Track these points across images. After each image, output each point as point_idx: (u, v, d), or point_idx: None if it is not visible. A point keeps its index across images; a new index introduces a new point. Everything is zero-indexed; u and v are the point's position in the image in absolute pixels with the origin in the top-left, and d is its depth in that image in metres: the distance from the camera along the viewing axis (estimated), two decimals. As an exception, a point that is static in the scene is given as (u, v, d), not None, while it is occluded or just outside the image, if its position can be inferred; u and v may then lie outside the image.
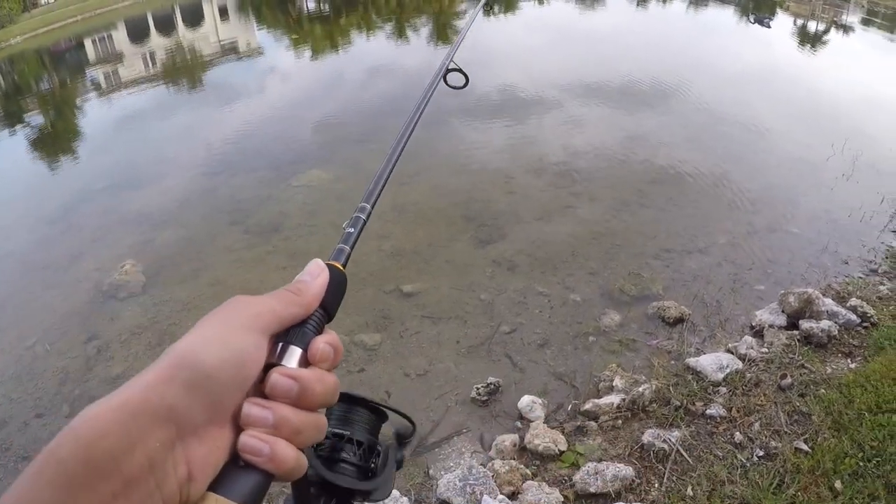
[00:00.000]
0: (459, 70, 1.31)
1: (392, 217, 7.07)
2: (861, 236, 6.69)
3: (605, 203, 7.27)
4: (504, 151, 8.83)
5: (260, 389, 0.52)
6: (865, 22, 21.04)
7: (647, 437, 3.57)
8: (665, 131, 9.52)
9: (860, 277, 5.93)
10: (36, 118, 14.31)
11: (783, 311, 5.01)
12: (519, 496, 3.17)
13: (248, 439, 0.49)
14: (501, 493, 3.14)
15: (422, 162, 8.26)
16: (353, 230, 0.70)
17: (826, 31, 19.68)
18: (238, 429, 0.50)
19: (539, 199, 7.46)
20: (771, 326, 4.88)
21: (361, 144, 9.46)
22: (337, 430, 0.63)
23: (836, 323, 4.80)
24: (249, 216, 7.55)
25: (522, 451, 3.54)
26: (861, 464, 3.36)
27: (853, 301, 5.18)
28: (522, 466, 3.38)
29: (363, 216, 0.74)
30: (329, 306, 0.59)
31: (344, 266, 0.65)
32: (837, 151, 8.65)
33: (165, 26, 26.61)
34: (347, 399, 0.65)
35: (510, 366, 4.55)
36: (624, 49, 15.10)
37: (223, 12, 27.44)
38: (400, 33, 18.61)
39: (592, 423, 3.82)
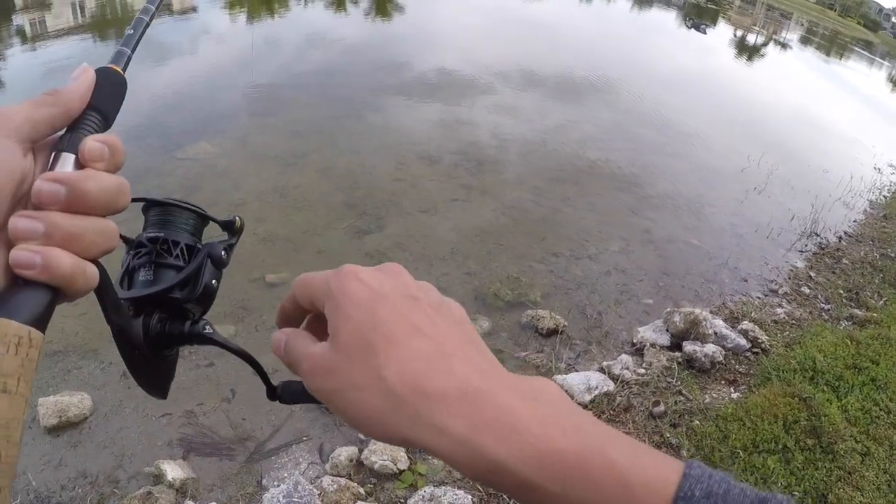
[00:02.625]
0: None
1: (272, 199, 6.27)
2: (765, 254, 6.24)
3: (498, 198, 6.62)
4: (403, 134, 8.09)
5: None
6: (804, 40, 21.23)
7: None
8: (578, 128, 8.95)
9: (759, 298, 5.47)
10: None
11: (667, 330, 4.53)
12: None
13: (17, 252, 0.43)
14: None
15: (315, 141, 7.48)
16: (132, 31, 0.60)
17: (764, 45, 19.84)
18: (10, 248, 0.44)
19: (428, 189, 6.75)
20: (653, 345, 4.39)
21: (260, 118, 8.58)
22: (151, 235, 0.58)
23: (722, 347, 4.38)
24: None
25: (360, 466, 3.21)
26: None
27: (745, 324, 4.71)
28: (356, 485, 3.06)
29: (146, 17, 0.63)
30: (104, 108, 0.53)
31: (124, 70, 0.56)
32: (753, 163, 8.26)
33: (100, -24, 25.20)
34: (158, 204, 0.59)
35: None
36: (557, 42, 14.65)
37: (162, -35, 26.07)
38: (339, 4, 17.73)
39: None
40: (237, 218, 0.64)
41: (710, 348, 4.27)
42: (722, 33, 20.81)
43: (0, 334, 0.41)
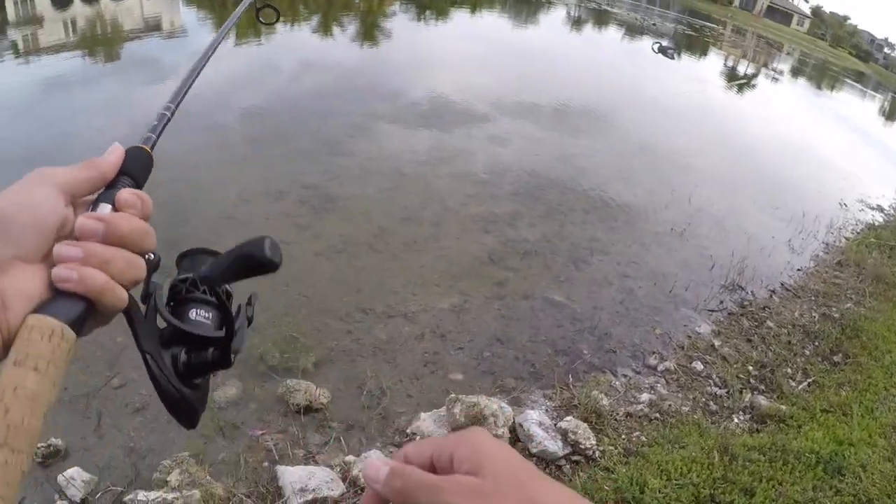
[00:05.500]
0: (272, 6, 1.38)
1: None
2: (659, 315, 4.92)
3: (329, 241, 5.26)
4: (257, 164, 6.72)
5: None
6: (794, 71, 19.95)
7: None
8: (465, 157, 7.52)
9: (624, 377, 4.12)
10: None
11: (448, 424, 3.37)
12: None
13: (58, 269, 0.53)
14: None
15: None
16: (157, 123, 0.74)
17: (754, 76, 18.64)
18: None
19: (257, 228, 5.38)
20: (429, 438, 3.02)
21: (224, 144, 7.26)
22: (182, 276, 0.65)
23: (522, 454, 2.79)
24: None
25: None
26: None
27: (568, 420, 3.27)
28: None
29: (168, 113, 0.77)
30: (136, 175, 0.64)
31: (151, 149, 0.69)
32: (681, 199, 6.81)
33: (90, -6, 24.90)
34: (192, 253, 0.68)
35: (93, 426, 3.59)
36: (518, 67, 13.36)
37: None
38: (326, 30, 16.72)
39: None
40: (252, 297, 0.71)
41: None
42: (713, 63, 19.71)
43: (39, 326, 0.51)
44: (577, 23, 27.40)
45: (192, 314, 0.63)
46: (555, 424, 3.36)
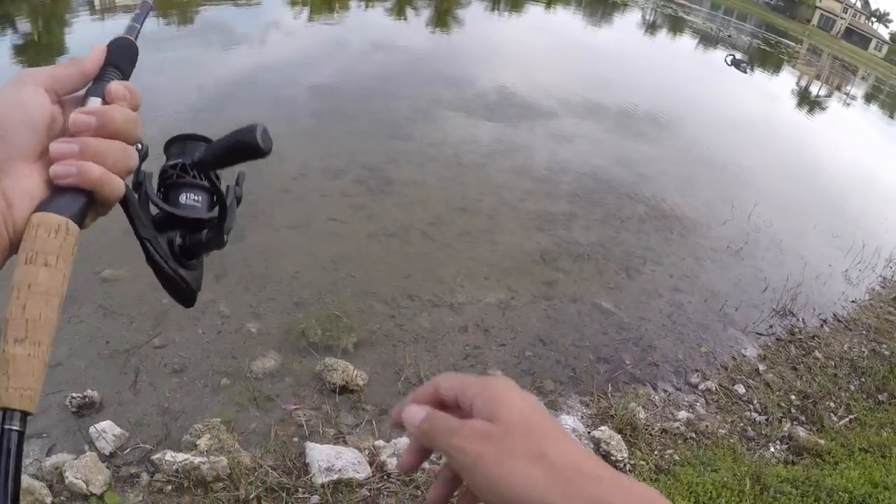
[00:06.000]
0: None
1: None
2: (706, 333, 4.85)
3: (383, 224, 5.32)
4: (318, 140, 6.81)
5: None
6: (868, 97, 19.34)
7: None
8: (525, 152, 7.50)
9: (664, 392, 4.09)
10: (24, 25, 12.77)
11: None
12: (21, 523, 2.51)
13: (56, 166, 0.55)
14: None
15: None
16: (139, 11, 0.73)
17: (826, 98, 18.15)
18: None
19: (311, 204, 5.49)
20: None
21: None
22: (172, 162, 0.67)
23: None
24: None
25: (61, 477, 2.93)
26: None
27: (602, 430, 3.39)
28: (48, 492, 2.81)
29: (150, 1, 0.76)
30: (122, 66, 0.64)
31: (135, 39, 0.68)
32: (741, 216, 6.70)
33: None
34: (179, 139, 0.69)
35: (129, 382, 3.66)
36: (590, 68, 13.26)
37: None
38: (399, 12, 16.76)
39: (146, 477, 3.06)
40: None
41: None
42: (785, 80, 19.25)
43: (45, 223, 0.53)
44: (651, 27, 27.00)
45: (183, 198, 0.65)
46: (588, 432, 3.37)
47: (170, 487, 3.00)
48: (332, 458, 3.06)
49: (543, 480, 0.46)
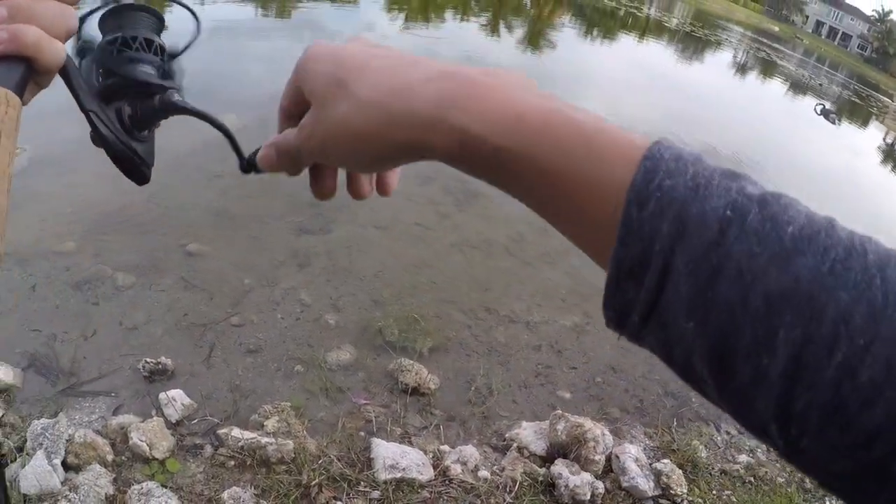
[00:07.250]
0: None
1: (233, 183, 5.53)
2: None
3: (466, 235, 5.48)
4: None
5: None
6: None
7: (228, 495, 2.87)
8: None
9: (727, 434, 4.06)
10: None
11: (548, 438, 3.40)
12: (78, 472, 2.81)
13: None
14: (58, 460, 2.81)
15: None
16: None
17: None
18: None
19: (399, 206, 5.72)
20: (522, 449, 3.35)
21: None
22: (117, 34, 0.61)
23: (612, 483, 3.24)
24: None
25: (125, 437, 3.06)
26: None
27: (663, 463, 3.39)
28: (110, 450, 2.93)
29: None
30: None
31: None
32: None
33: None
34: (121, 8, 0.63)
35: (204, 356, 3.80)
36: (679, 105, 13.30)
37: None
38: (493, 28, 17.09)
39: (210, 449, 3.13)
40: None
41: (582, 479, 3.06)
42: (873, 135, 18.92)
43: None
44: (741, 68, 26.71)
45: (131, 69, 0.60)
46: (650, 464, 3.45)
47: (232, 463, 3.08)
48: (397, 457, 3.11)
49: (366, 124, 0.45)
